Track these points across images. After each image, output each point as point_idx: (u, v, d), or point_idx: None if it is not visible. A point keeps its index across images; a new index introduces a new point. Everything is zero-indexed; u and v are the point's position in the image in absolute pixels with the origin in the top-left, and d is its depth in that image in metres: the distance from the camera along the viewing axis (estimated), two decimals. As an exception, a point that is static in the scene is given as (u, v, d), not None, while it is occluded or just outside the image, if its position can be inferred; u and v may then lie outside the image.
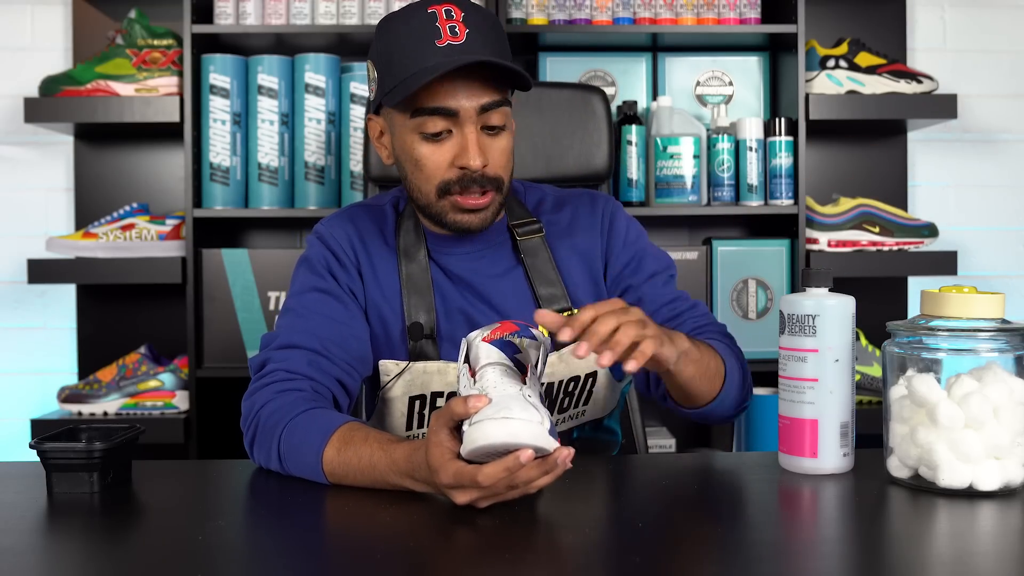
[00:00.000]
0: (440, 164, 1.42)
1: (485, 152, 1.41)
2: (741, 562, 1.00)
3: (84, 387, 2.48)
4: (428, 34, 1.37)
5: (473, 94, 1.39)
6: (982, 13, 2.81)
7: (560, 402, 1.48)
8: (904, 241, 2.54)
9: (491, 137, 1.43)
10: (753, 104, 2.71)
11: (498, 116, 1.42)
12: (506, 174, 1.45)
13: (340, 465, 1.24)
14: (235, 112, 2.50)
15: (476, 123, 1.41)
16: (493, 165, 1.43)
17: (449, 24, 1.37)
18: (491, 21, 1.42)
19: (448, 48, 1.36)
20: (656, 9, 2.53)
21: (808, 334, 1.27)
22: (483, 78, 1.39)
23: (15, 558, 1.00)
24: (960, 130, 2.81)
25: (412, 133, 1.42)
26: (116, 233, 2.47)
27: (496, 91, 1.41)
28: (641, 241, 1.57)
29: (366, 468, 1.23)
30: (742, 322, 2.51)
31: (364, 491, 1.28)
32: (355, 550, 1.02)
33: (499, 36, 1.43)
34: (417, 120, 1.41)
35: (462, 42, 1.37)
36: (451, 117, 1.40)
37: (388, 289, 1.50)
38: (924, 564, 1.00)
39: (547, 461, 1.08)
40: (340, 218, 1.55)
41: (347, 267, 1.50)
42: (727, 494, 1.25)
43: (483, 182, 1.42)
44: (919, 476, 1.21)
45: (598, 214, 1.57)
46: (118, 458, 1.23)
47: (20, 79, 2.69)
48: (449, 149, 1.41)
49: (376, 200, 1.59)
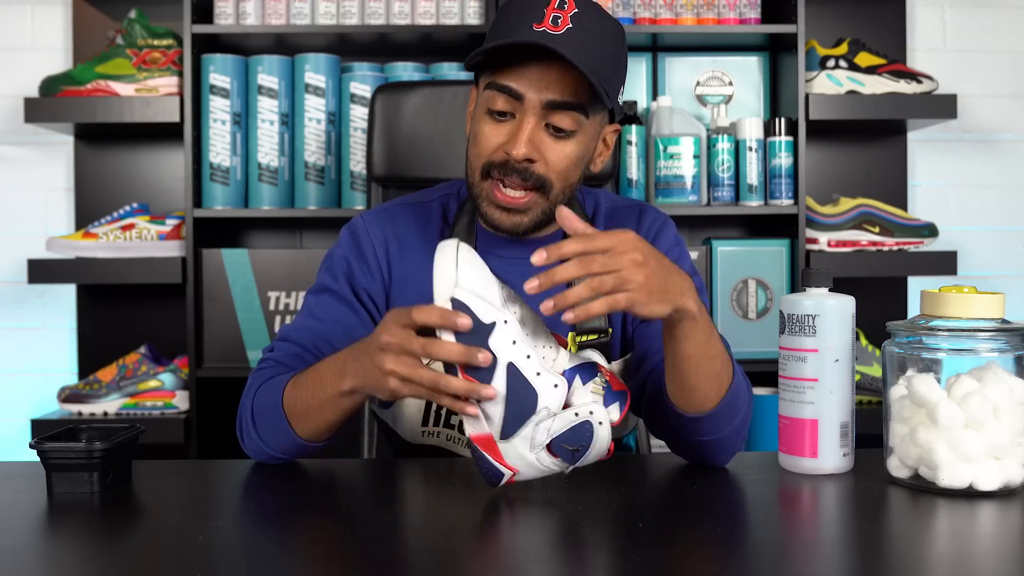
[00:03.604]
0: (492, 143, 1.37)
1: (538, 148, 1.36)
2: (741, 562, 1.00)
3: (84, 387, 2.48)
4: (532, 14, 1.33)
5: (545, 86, 1.33)
6: (982, 13, 2.81)
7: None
8: (904, 241, 2.54)
9: (554, 138, 1.37)
10: (753, 104, 2.71)
11: (568, 120, 1.35)
12: (558, 180, 1.38)
13: (293, 391, 1.28)
14: (235, 112, 2.50)
15: (539, 116, 1.35)
16: (545, 164, 1.37)
17: (555, 14, 1.32)
18: (605, 31, 1.36)
19: (541, 33, 1.31)
20: (656, 9, 2.53)
21: (808, 334, 1.27)
22: (562, 76, 1.33)
23: (15, 558, 1.00)
24: (960, 130, 2.81)
25: (482, 106, 1.39)
26: (116, 233, 2.47)
27: (571, 93, 1.34)
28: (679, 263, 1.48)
29: (312, 380, 1.26)
30: (742, 322, 2.51)
31: (364, 491, 1.28)
32: (355, 550, 1.02)
33: (605, 48, 1.35)
34: (488, 93, 1.37)
35: (558, 33, 1.31)
36: (516, 100, 1.35)
37: (421, 288, 1.43)
38: (924, 564, 1.00)
39: (468, 353, 1.10)
40: (380, 215, 1.51)
41: (371, 268, 1.46)
42: (727, 494, 1.25)
43: (526, 175, 1.36)
44: (919, 476, 1.21)
45: (642, 233, 1.50)
46: (118, 458, 1.23)
47: (20, 79, 2.69)
48: (505, 132, 1.37)
49: (423, 196, 1.54)
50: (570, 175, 1.40)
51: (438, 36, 2.53)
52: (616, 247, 1.13)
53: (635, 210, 1.54)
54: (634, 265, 1.13)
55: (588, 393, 1.14)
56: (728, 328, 2.48)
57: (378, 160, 1.95)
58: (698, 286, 1.47)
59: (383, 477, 1.36)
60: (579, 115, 1.36)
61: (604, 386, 1.14)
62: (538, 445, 1.12)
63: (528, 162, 1.36)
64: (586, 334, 1.44)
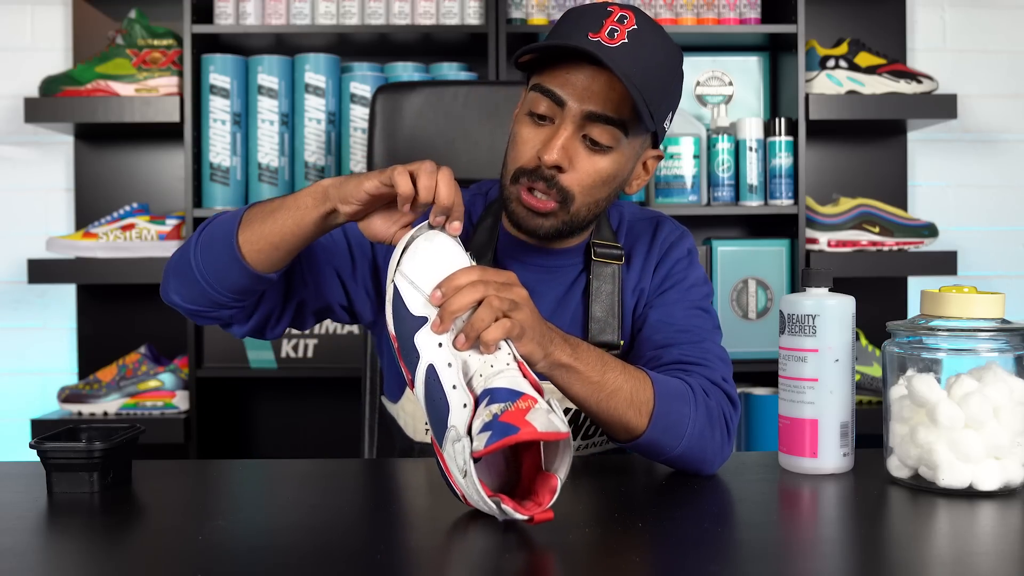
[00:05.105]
0: (529, 147, 1.35)
1: (570, 157, 1.33)
2: (741, 562, 1.00)
3: (84, 387, 2.48)
4: (589, 23, 1.31)
5: (587, 97, 1.31)
6: (982, 13, 2.82)
7: (585, 429, 1.47)
8: (904, 241, 2.54)
9: (588, 150, 1.34)
10: (753, 104, 2.71)
11: (606, 135, 1.32)
12: (582, 195, 1.35)
13: (256, 215, 1.26)
14: (235, 112, 2.50)
15: (577, 126, 1.32)
16: (571, 176, 1.34)
17: (612, 26, 1.31)
18: (661, 52, 1.33)
19: (596, 44, 1.29)
20: (656, 9, 2.53)
21: (808, 334, 1.27)
22: (607, 88, 1.31)
23: (15, 558, 1.00)
24: (960, 130, 2.81)
25: (526, 107, 1.37)
26: (116, 233, 2.47)
27: (613, 108, 1.31)
28: (687, 277, 1.47)
29: (277, 204, 1.24)
30: (742, 322, 2.51)
31: (364, 491, 1.28)
32: (355, 550, 1.02)
33: (656, 69, 1.32)
34: (533, 95, 1.36)
35: (612, 46, 1.29)
36: (558, 106, 1.33)
37: None
38: (924, 564, 1.00)
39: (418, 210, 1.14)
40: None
41: (381, 267, 1.44)
42: (727, 494, 1.25)
43: (551, 183, 1.33)
44: (919, 476, 1.21)
45: (656, 248, 1.48)
46: (118, 458, 1.23)
47: (20, 79, 2.69)
48: (542, 137, 1.35)
49: None
50: (596, 192, 1.36)
51: (438, 36, 2.53)
52: (497, 277, 1.13)
53: (652, 222, 1.51)
54: (511, 299, 1.12)
55: (478, 419, 1.04)
56: (728, 328, 2.47)
57: (378, 160, 1.94)
58: (707, 295, 1.47)
59: (383, 477, 1.36)
60: (618, 131, 1.33)
61: (494, 414, 1.02)
62: (460, 470, 1.04)
63: (557, 170, 1.34)
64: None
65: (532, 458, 1.09)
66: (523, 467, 1.10)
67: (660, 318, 1.42)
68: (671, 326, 1.41)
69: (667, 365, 1.35)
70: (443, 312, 1.09)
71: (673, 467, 1.30)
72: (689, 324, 1.42)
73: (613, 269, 1.45)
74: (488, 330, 1.09)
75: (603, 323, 1.43)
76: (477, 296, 1.09)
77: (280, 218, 1.24)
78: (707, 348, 1.39)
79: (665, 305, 1.44)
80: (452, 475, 1.06)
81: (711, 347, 1.40)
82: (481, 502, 1.04)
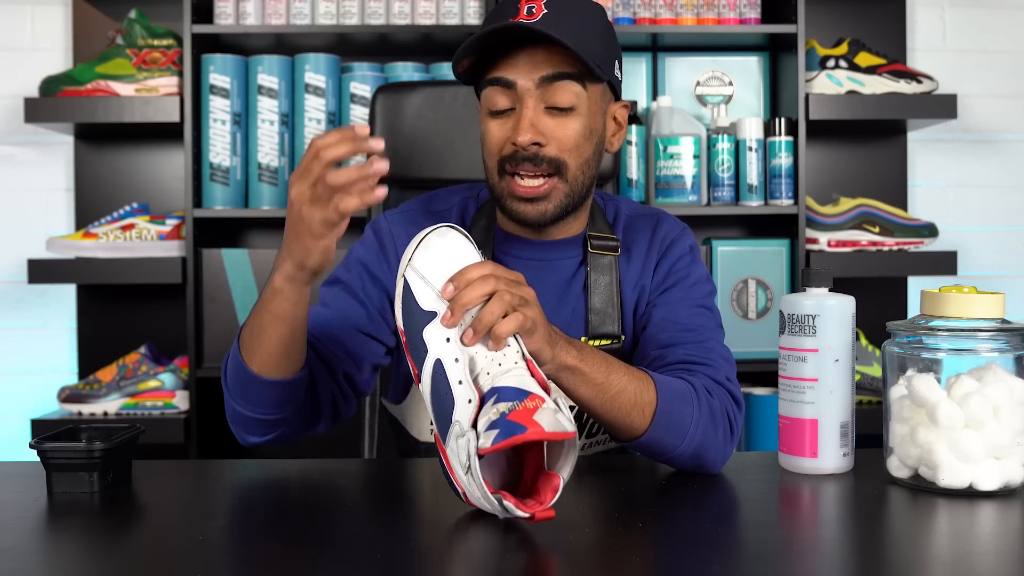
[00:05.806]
0: (499, 140, 1.38)
1: (543, 131, 1.35)
2: (741, 562, 1.00)
3: (84, 387, 2.48)
4: (506, 11, 1.34)
5: (534, 67, 1.34)
6: (982, 13, 2.82)
7: (589, 427, 1.47)
8: (904, 241, 2.54)
9: (556, 117, 1.36)
10: (753, 104, 2.71)
11: (565, 94, 1.35)
12: (571, 158, 1.37)
13: (245, 340, 1.25)
14: (235, 112, 2.50)
15: (537, 99, 1.35)
16: (554, 145, 1.36)
17: (529, 5, 1.33)
18: (583, 9, 1.37)
19: (518, 24, 1.32)
20: (656, 9, 2.53)
21: (808, 334, 1.27)
22: (549, 54, 1.34)
23: (15, 558, 1.00)
24: (960, 130, 2.81)
25: (484, 111, 1.40)
26: (116, 233, 2.47)
27: (561, 64, 1.34)
28: (690, 275, 1.47)
29: (258, 307, 1.23)
30: (742, 322, 2.51)
31: (364, 491, 1.28)
32: (355, 550, 1.02)
33: (585, 24, 1.35)
34: (485, 94, 1.38)
35: (534, 20, 1.31)
36: (511, 90, 1.36)
37: None
38: (924, 564, 1.00)
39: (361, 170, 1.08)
40: (403, 217, 1.48)
41: (391, 266, 1.44)
42: (727, 494, 1.25)
43: (537, 161, 1.35)
44: (919, 476, 1.21)
45: (656, 244, 1.49)
46: (118, 458, 1.23)
47: (20, 79, 2.69)
48: (509, 126, 1.37)
49: (444, 202, 1.52)
50: (582, 150, 1.39)
51: (438, 36, 2.53)
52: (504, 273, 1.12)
53: (652, 219, 1.52)
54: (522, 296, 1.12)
55: (484, 416, 1.03)
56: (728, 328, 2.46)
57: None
58: (709, 293, 1.47)
59: (383, 477, 1.36)
60: (575, 84, 1.36)
61: (501, 413, 1.02)
62: (463, 466, 1.04)
63: (536, 146, 1.35)
64: (598, 339, 1.44)
65: (535, 458, 1.09)
66: (525, 466, 1.10)
67: (664, 316, 1.43)
68: (675, 324, 1.41)
69: (671, 365, 1.36)
70: (454, 305, 1.08)
71: (676, 466, 1.30)
72: (693, 323, 1.42)
73: (610, 260, 1.46)
74: (500, 324, 1.08)
75: (603, 315, 1.44)
76: (488, 289, 1.09)
77: (266, 314, 1.22)
78: (711, 347, 1.39)
79: (669, 304, 1.44)
80: (454, 471, 1.07)
81: (715, 346, 1.40)
82: (483, 498, 1.04)
